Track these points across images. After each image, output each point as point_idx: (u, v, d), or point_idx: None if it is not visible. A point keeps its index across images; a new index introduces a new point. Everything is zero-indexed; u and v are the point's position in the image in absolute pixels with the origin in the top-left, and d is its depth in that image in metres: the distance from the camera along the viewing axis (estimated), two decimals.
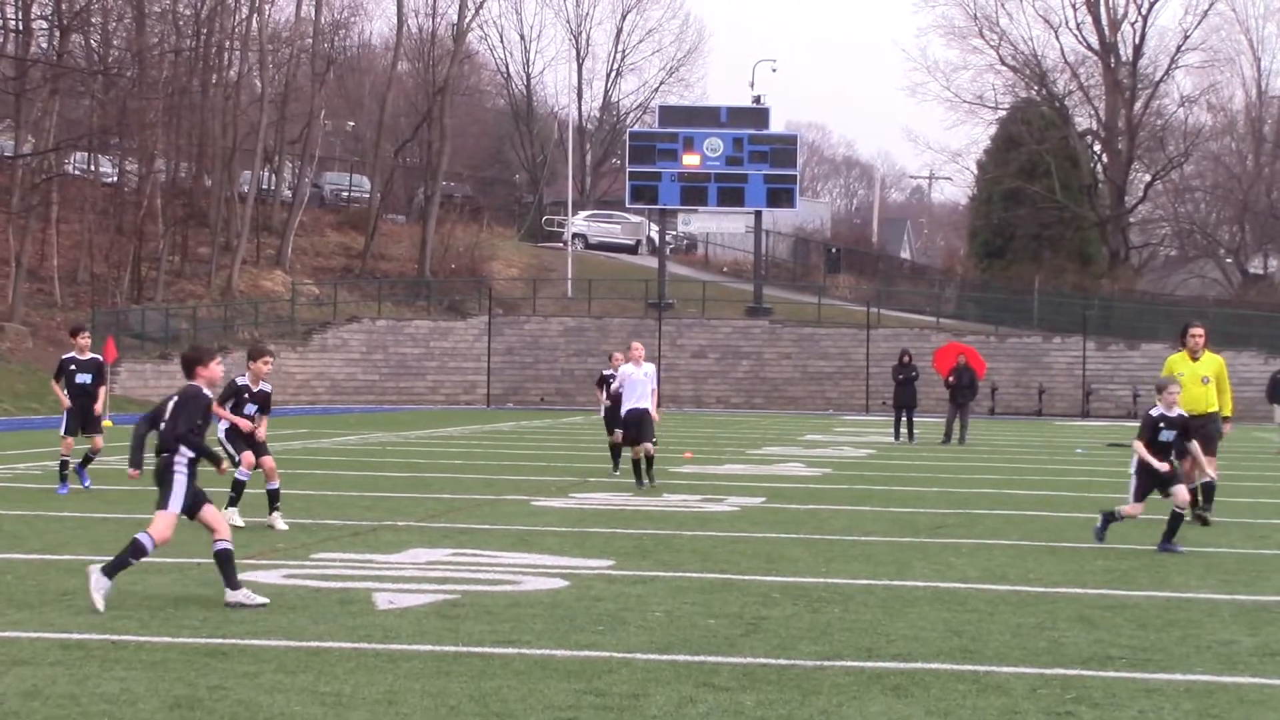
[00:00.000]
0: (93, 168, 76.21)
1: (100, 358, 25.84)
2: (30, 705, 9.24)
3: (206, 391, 13.66)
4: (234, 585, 13.10)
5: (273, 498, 19.48)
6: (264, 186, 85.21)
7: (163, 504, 13.31)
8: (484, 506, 22.43)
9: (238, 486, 19.68)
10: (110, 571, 13.01)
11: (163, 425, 13.43)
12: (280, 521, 19.17)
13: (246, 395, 20.20)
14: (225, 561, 13.15)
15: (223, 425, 19.86)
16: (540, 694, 9.82)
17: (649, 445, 26.08)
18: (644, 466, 26.09)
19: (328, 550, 16.86)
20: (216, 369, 14.10)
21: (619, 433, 27.66)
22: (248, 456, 19.78)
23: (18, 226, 67.24)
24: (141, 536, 13.18)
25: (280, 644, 11.26)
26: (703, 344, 75.90)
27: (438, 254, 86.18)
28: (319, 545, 17.32)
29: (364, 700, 9.55)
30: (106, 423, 24.60)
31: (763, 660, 11.05)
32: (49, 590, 13.72)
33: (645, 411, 26.39)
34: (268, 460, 19.89)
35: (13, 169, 67.40)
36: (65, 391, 24.48)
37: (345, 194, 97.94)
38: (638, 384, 26.75)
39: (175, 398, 13.57)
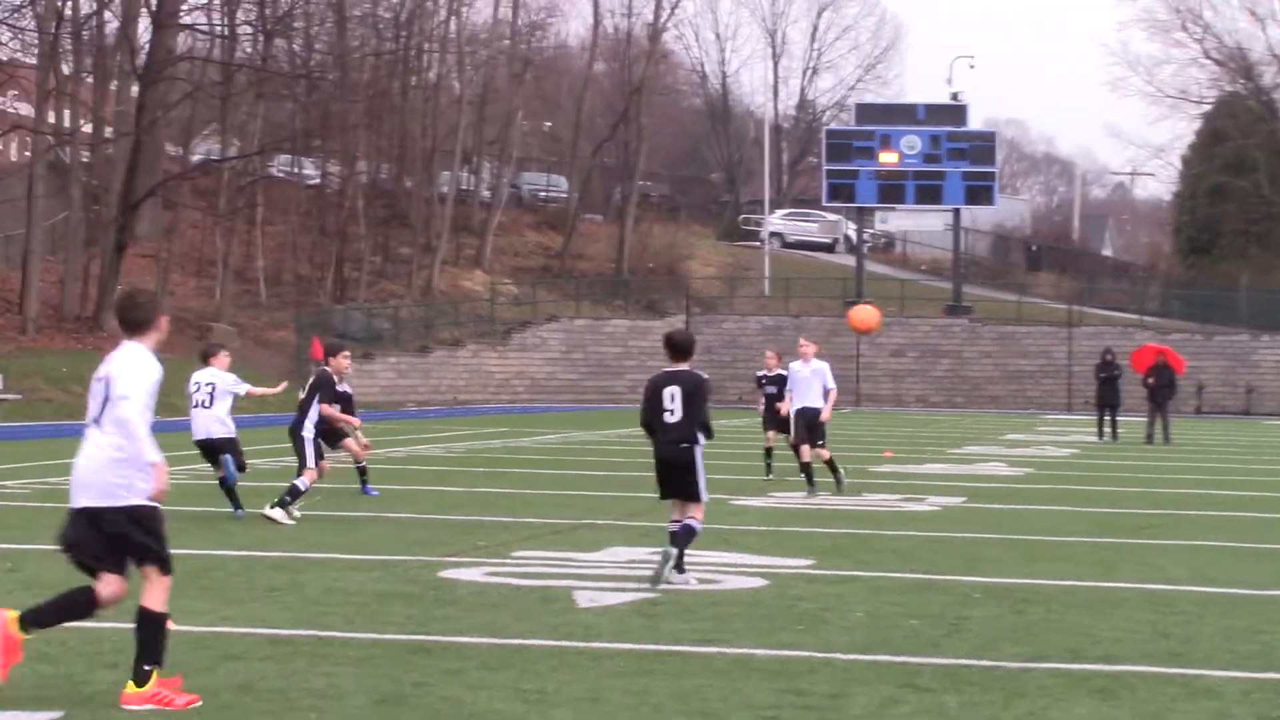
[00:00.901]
0: (296, 170, 77.46)
1: (350, 390, 23.85)
2: (242, 699, 9.39)
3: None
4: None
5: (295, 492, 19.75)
6: (463, 187, 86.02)
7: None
8: None
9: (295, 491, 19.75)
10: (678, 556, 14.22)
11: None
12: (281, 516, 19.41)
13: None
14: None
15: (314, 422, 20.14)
16: (742, 693, 9.80)
17: (820, 450, 24.61)
18: (811, 472, 24.38)
19: (529, 548, 16.96)
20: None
21: (771, 435, 27.35)
22: (324, 465, 20.20)
23: (224, 229, 68.51)
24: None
25: (483, 641, 11.34)
26: (901, 342, 75.40)
27: (635, 253, 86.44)
28: (520, 543, 17.43)
29: (567, 698, 9.59)
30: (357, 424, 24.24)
31: (966, 661, 10.94)
32: (258, 586, 13.94)
33: (817, 412, 24.87)
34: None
35: (219, 172, 68.67)
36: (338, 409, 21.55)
37: (543, 194, 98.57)
38: (804, 383, 25.18)
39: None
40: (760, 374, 30.30)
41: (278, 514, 19.27)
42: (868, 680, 10.25)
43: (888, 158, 77.69)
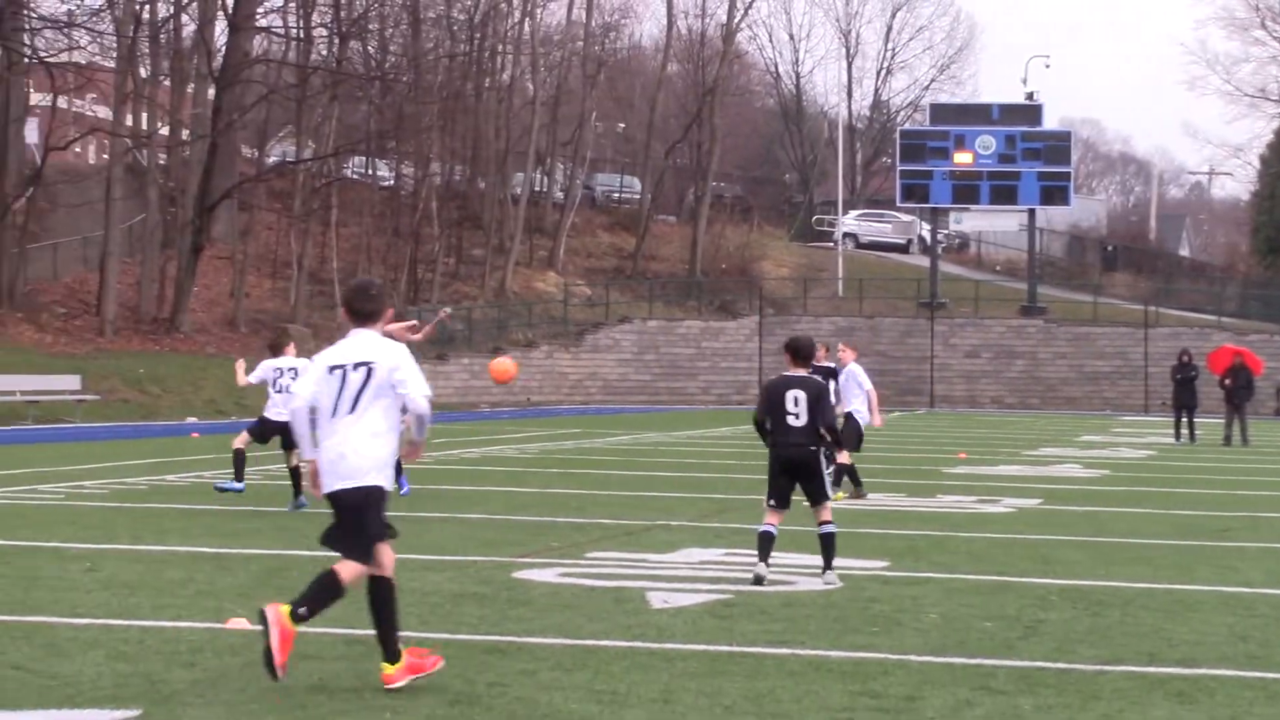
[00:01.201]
0: (370, 172, 77.82)
1: None
2: (316, 699, 9.43)
3: None
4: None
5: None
6: (536, 188, 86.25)
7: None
8: (756, 506, 22.33)
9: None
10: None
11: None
12: None
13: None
14: None
15: None
16: (815, 695, 9.78)
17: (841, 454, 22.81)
18: (856, 473, 23.58)
19: (602, 549, 16.97)
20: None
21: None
22: None
23: (299, 230, 68.87)
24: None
25: (557, 642, 11.36)
26: (975, 343, 75.13)
27: (708, 254, 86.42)
28: (593, 544, 17.44)
29: (640, 699, 9.59)
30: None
31: (1041, 663, 10.89)
32: None
33: (850, 415, 24.13)
34: None
35: (294, 174, 69.05)
36: None
37: (616, 195, 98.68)
38: (843, 388, 24.34)
39: None
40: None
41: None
42: (942, 682, 10.21)
43: (962, 158, 77.47)
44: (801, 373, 15.07)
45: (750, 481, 26.79)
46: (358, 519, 9.81)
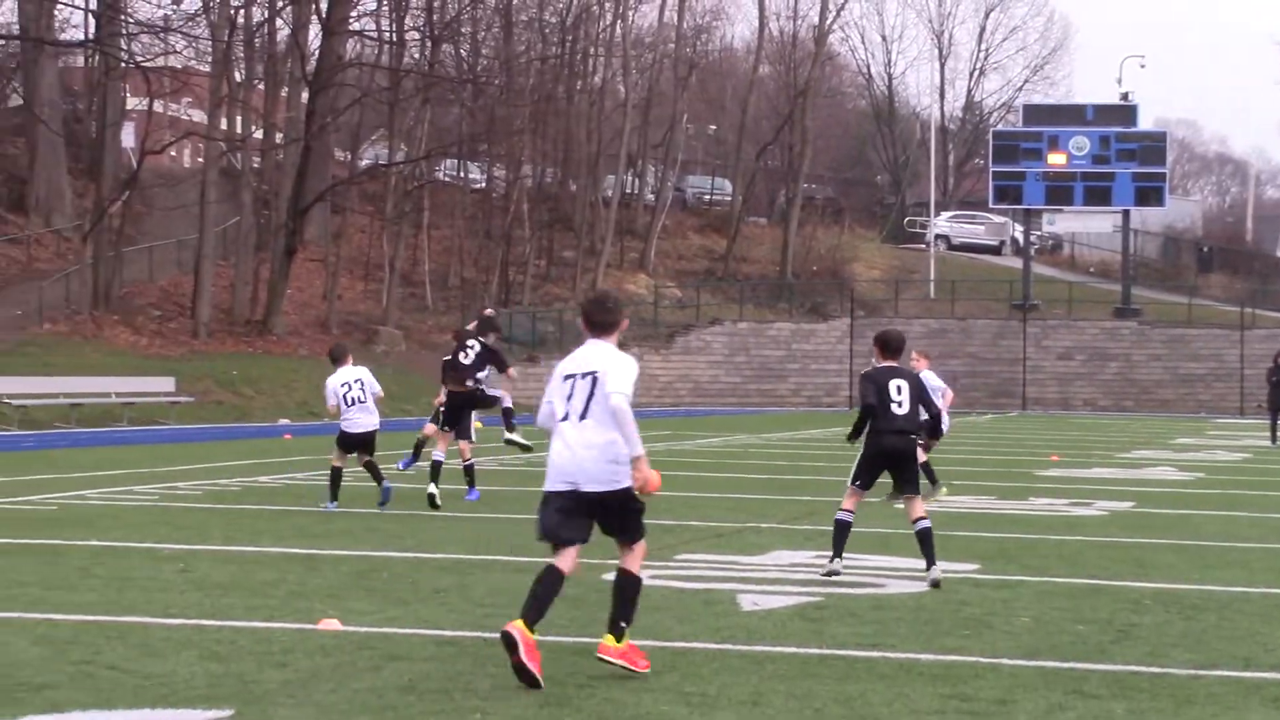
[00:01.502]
0: (462, 174, 78.10)
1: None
2: (407, 699, 9.46)
3: None
4: None
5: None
6: (627, 190, 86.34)
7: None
8: None
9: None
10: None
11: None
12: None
13: None
14: None
15: None
16: (906, 698, 9.74)
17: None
18: (931, 471, 23.70)
19: (692, 551, 16.96)
20: None
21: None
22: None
23: (391, 233, 69.23)
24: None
25: (646, 644, 11.33)
26: (1068, 345, 74.63)
27: (799, 256, 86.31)
28: (683, 546, 17.43)
29: (729, 701, 9.57)
30: (476, 424, 24.72)
31: (1134, 668, 10.80)
32: (423, 588, 14.05)
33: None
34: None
35: (386, 177, 69.40)
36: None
37: (707, 197, 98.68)
38: None
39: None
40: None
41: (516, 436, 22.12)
42: (1034, 686, 10.14)
43: (1055, 159, 77.01)
44: (895, 363, 15.43)
45: (839, 484, 26.69)
46: (627, 515, 10.52)
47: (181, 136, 65.32)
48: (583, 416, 10.40)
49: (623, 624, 10.34)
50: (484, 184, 78.66)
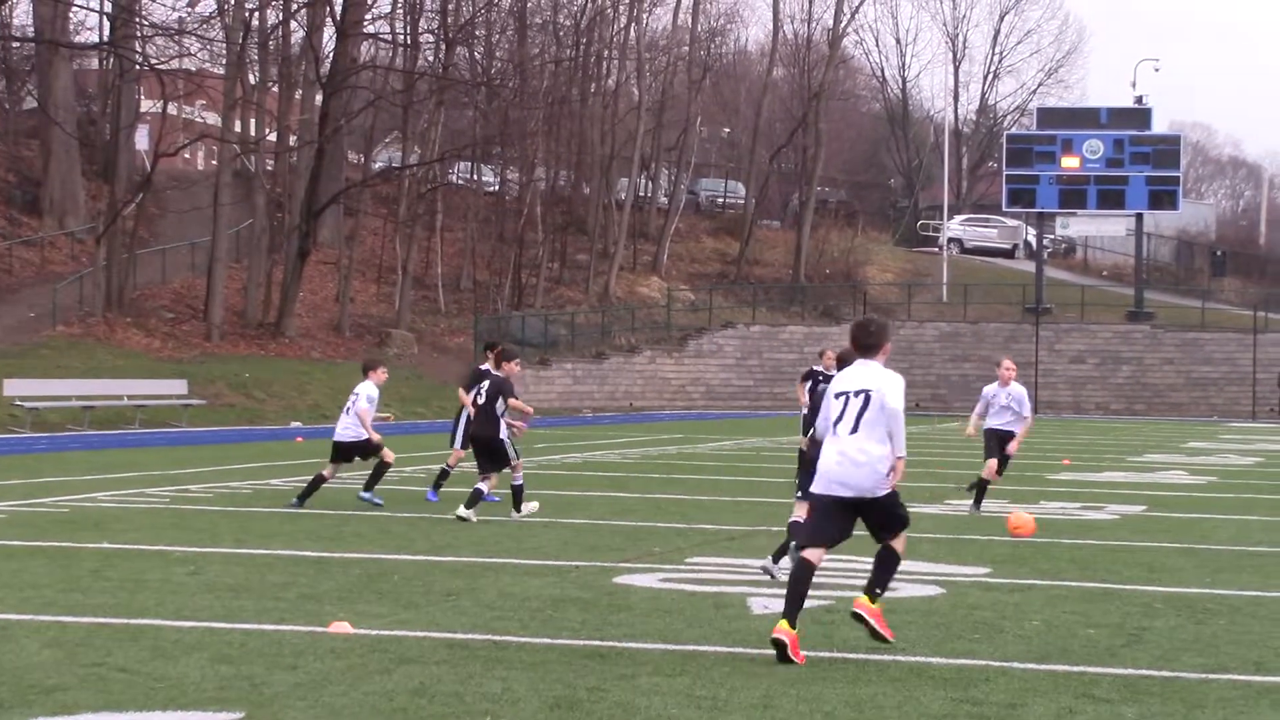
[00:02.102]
0: (475, 177, 78.11)
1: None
2: (418, 702, 9.47)
3: None
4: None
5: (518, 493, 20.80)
6: (641, 193, 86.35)
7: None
8: None
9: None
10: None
11: None
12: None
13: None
14: None
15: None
16: (916, 701, 9.74)
17: (995, 472, 22.60)
18: (985, 492, 22.84)
19: (703, 554, 16.97)
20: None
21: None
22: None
23: (404, 235, 69.27)
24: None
25: (657, 647, 11.36)
26: (1081, 349, 74.55)
27: (812, 259, 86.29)
28: (694, 549, 17.45)
29: (740, 704, 9.58)
30: (389, 418, 24.80)
31: (1145, 672, 10.79)
32: (434, 590, 14.07)
33: (1010, 435, 22.82)
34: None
35: (400, 180, 69.45)
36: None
37: (720, 200, 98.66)
38: (1002, 408, 22.92)
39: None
40: (817, 368, 28.84)
41: (517, 515, 20.58)
42: (1044, 690, 10.14)
43: (1069, 162, 76.95)
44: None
45: None
46: (893, 513, 11.65)
47: (195, 139, 65.40)
48: (854, 430, 11.54)
49: (878, 590, 11.64)
50: (497, 187, 78.70)
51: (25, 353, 50.02)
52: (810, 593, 14.06)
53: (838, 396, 11.75)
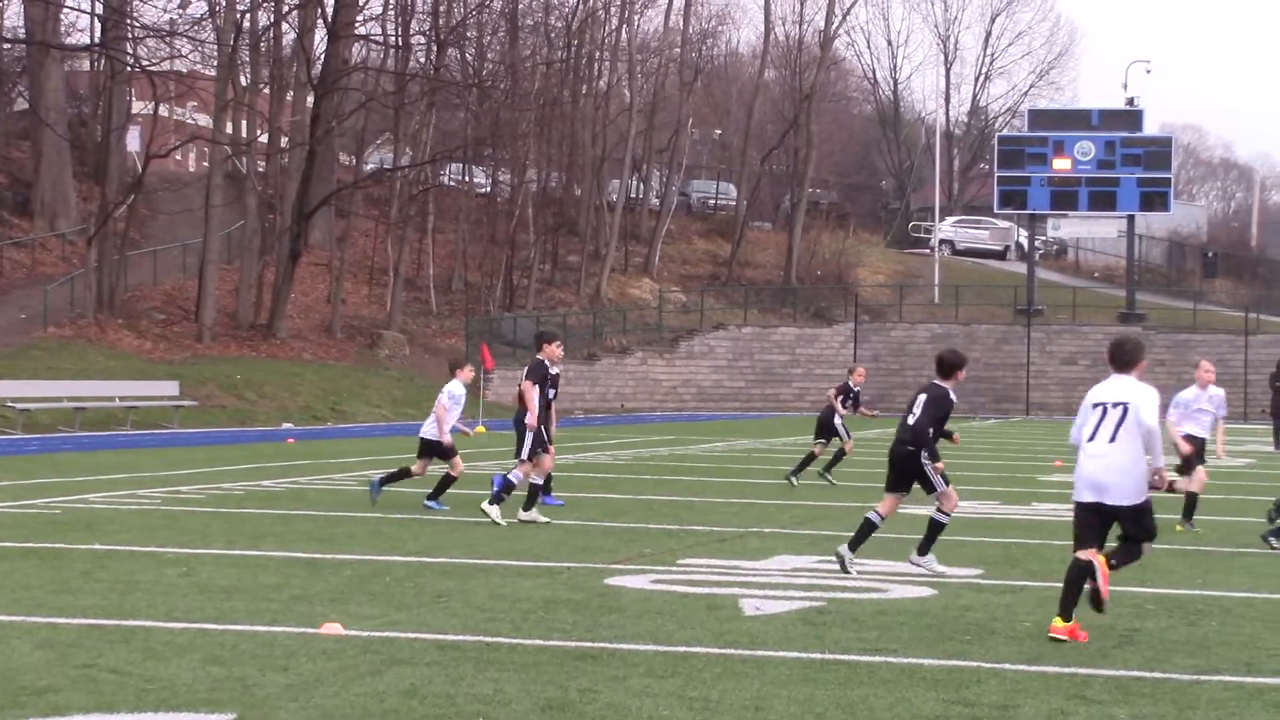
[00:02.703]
0: (467, 178, 78.13)
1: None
2: (409, 704, 9.47)
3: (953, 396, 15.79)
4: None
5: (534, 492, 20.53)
6: (632, 195, 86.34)
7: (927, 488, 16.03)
8: (850, 514, 22.35)
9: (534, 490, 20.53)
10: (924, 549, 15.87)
11: (912, 419, 15.78)
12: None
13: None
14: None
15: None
16: (908, 703, 9.74)
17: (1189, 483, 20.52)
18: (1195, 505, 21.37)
19: (695, 556, 16.97)
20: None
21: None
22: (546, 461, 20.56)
23: (395, 237, 69.24)
24: (872, 515, 15.85)
25: (649, 648, 11.36)
26: (1073, 350, 74.60)
27: (804, 261, 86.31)
28: (686, 551, 17.44)
29: (731, 706, 9.57)
30: (480, 429, 24.77)
31: (1137, 673, 10.80)
32: (425, 592, 14.06)
33: (1204, 442, 21.55)
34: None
35: (391, 181, 69.43)
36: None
37: (712, 201, 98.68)
38: (1200, 412, 21.70)
39: (923, 395, 15.84)
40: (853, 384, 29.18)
41: (494, 511, 19.94)
42: (1036, 691, 10.14)
43: (1061, 164, 77.01)
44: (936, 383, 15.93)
45: (843, 489, 26.71)
46: (1141, 523, 12.37)
47: (186, 140, 65.39)
48: (1111, 440, 12.28)
49: (1068, 609, 12.15)
50: (488, 188, 78.67)
51: (16, 354, 49.98)
52: (803, 594, 14.11)
53: (1095, 407, 12.57)
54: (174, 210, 67.38)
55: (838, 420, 28.36)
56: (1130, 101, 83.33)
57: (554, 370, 20.88)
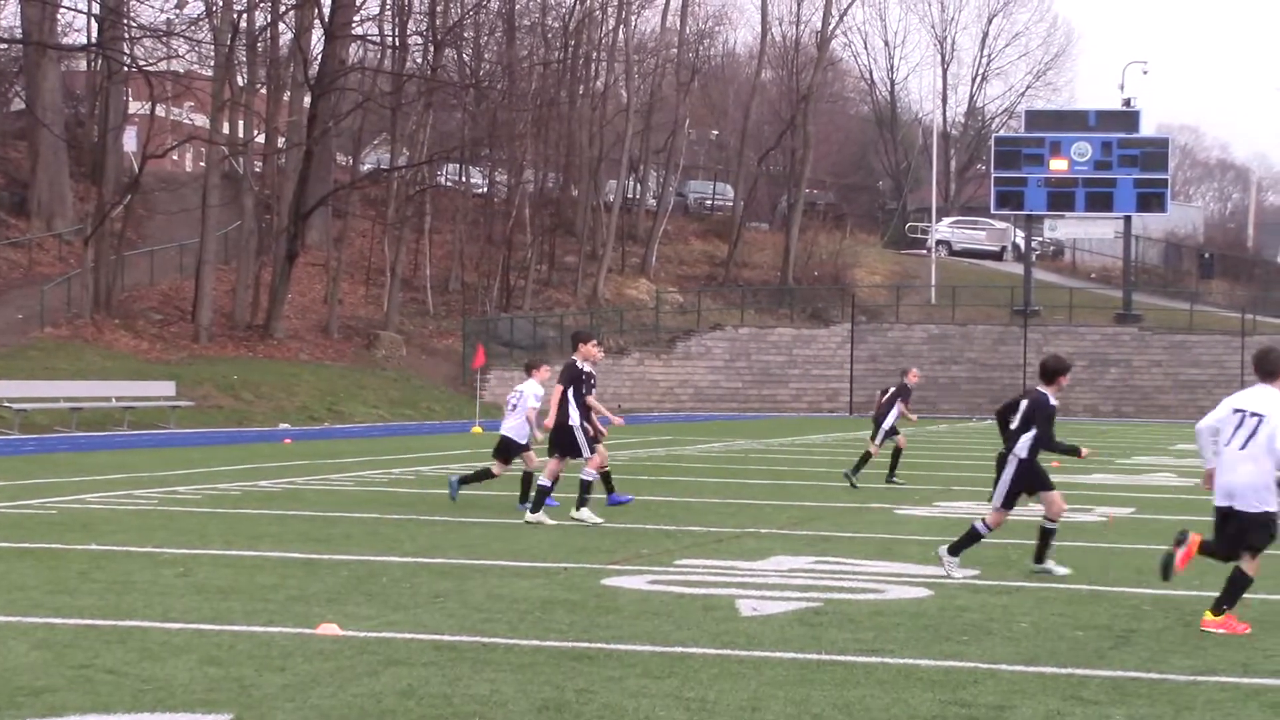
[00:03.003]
0: (464, 179, 78.10)
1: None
2: (405, 704, 9.47)
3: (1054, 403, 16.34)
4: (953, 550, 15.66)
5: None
6: (629, 195, 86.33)
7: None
8: (847, 514, 22.38)
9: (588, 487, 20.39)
10: (955, 550, 15.66)
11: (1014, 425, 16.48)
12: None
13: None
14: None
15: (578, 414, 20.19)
16: (904, 703, 9.74)
17: None
18: None
19: (692, 556, 16.97)
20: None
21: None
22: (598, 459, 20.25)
23: (392, 237, 69.23)
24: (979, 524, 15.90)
25: (645, 649, 11.36)
26: (1069, 351, 74.42)
27: (801, 261, 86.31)
28: (683, 551, 17.44)
29: (727, 706, 9.57)
30: (476, 429, 24.77)
31: (1133, 674, 10.80)
32: (422, 592, 14.06)
33: None
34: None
35: (388, 181, 69.41)
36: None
37: (709, 202, 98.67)
38: None
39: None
40: (910, 383, 29.66)
41: (585, 514, 20.20)
42: (1032, 692, 10.15)
43: (1057, 165, 77.02)
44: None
45: (840, 490, 26.72)
46: (1253, 531, 12.69)
47: (183, 141, 65.40)
48: (1243, 447, 12.69)
49: (1224, 606, 12.60)
50: (486, 189, 78.65)
51: (13, 354, 49.95)
52: (799, 595, 14.12)
53: (1235, 412, 12.95)
54: (171, 210, 67.35)
55: (888, 421, 28.54)
56: (1127, 102, 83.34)
57: (587, 368, 20.85)
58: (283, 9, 64.46)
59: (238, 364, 56.03)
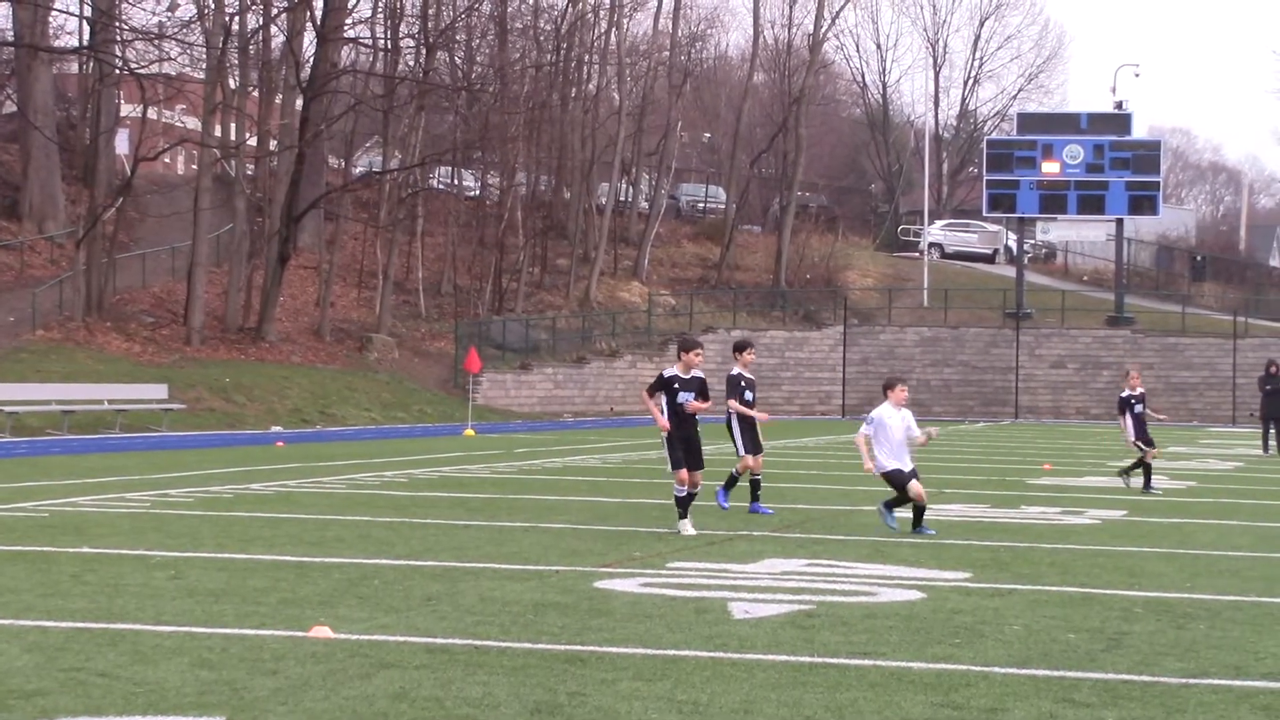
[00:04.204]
0: (456, 182, 78.10)
1: (703, 376, 21.66)
2: (398, 707, 9.45)
3: None
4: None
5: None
6: (621, 198, 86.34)
7: None
8: (839, 517, 22.38)
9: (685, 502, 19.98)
10: None
11: None
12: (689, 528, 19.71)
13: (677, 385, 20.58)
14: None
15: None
16: (896, 706, 9.73)
17: None
18: None
19: (684, 559, 16.96)
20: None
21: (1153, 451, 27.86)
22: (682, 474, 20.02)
23: (384, 240, 69.22)
24: None
25: (638, 652, 11.35)
26: (1062, 354, 74.69)
27: (793, 264, 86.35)
28: (675, 554, 17.43)
29: (720, 709, 9.57)
30: (469, 431, 24.72)
31: (1125, 676, 10.80)
32: (414, 595, 14.05)
33: None
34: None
35: (380, 184, 69.41)
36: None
37: (701, 205, 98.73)
38: None
39: None
40: (1126, 394, 29.79)
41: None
42: (1025, 695, 10.14)
43: (1049, 167, 77.12)
44: None
45: (833, 492, 26.73)
46: None
47: (175, 143, 65.34)
48: None
49: None
50: (478, 191, 78.69)
51: (4, 357, 49.93)
52: (792, 597, 14.12)
53: None
54: (163, 213, 67.31)
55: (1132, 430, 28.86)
56: (1119, 105, 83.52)
57: (686, 374, 20.65)
58: (275, 12, 64.45)
59: (230, 367, 56.00)
